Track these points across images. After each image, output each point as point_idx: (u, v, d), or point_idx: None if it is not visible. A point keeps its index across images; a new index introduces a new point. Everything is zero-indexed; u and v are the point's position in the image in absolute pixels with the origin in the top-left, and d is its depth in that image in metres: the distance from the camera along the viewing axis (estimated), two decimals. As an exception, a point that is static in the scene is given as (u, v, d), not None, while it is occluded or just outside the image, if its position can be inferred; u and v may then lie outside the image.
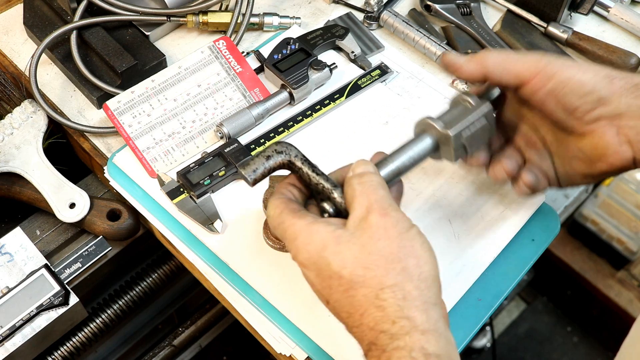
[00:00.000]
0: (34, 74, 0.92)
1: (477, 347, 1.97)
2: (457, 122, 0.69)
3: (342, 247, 0.58)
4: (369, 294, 0.56)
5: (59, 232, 0.90)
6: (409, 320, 0.54)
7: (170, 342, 1.05)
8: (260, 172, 0.64)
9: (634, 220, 1.90)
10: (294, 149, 0.65)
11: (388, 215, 0.58)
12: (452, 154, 0.70)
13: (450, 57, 0.71)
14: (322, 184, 0.63)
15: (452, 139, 0.68)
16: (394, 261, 0.56)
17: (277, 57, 0.95)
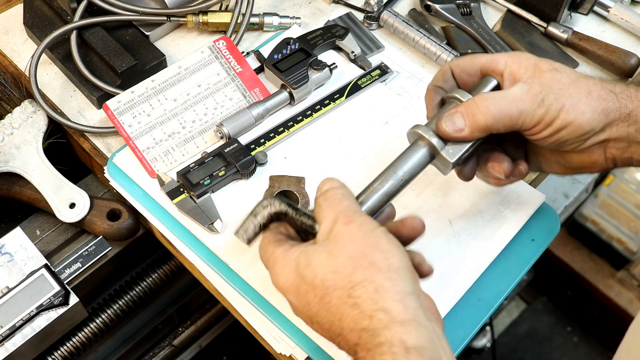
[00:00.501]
0: (34, 74, 0.92)
1: (477, 347, 1.97)
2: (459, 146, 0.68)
3: (311, 259, 0.59)
4: (342, 295, 0.56)
5: (59, 232, 0.90)
6: (386, 312, 0.54)
7: (170, 342, 1.05)
8: (252, 230, 0.66)
9: (634, 220, 1.90)
10: (277, 200, 0.66)
11: (352, 221, 0.59)
12: (445, 171, 0.71)
13: (449, 134, 0.67)
14: (303, 221, 0.65)
15: (451, 165, 0.69)
16: (360, 259, 0.57)
17: (277, 57, 0.95)
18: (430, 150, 0.69)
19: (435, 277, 0.78)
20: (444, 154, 0.68)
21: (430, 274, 0.64)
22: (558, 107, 0.65)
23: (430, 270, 0.63)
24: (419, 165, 0.69)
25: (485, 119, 0.66)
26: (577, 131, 0.66)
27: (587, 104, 0.66)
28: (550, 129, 0.66)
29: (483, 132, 0.67)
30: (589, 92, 0.66)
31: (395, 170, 0.68)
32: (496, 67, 0.69)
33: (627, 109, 0.67)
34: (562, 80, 0.67)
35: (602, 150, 0.69)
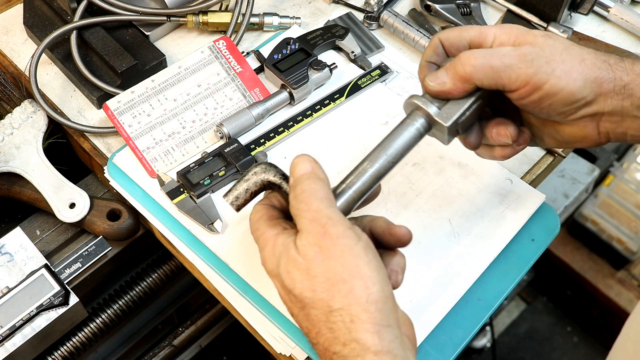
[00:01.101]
0: (34, 74, 0.92)
1: (477, 347, 1.97)
2: (452, 109, 0.67)
3: (290, 267, 0.57)
4: (320, 315, 0.56)
5: (59, 232, 0.90)
6: (359, 343, 0.53)
7: (170, 342, 1.05)
8: (243, 197, 0.64)
9: (634, 220, 1.90)
10: (272, 169, 0.65)
11: (327, 234, 0.56)
12: (444, 139, 0.69)
13: (433, 88, 0.66)
14: None
15: (447, 129, 0.67)
16: (338, 283, 0.55)
17: (277, 57, 0.95)
18: (427, 118, 0.68)
19: (436, 277, 0.78)
20: (438, 118, 0.67)
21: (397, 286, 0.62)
22: (548, 70, 0.63)
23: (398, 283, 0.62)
24: (416, 135, 0.68)
25: (465, 68, 0.64)
26: (568, 98, 0.64)
27: (579, 71, 0.64)
28: (539, 92, 0.64)
29: (465, 82, 0.65)
30: (582, 60, 0.65)
31: (393, 140, 0.67)
32: (485, 39, 0.67)
33: (623, 81, 0.65)
34: (555, 45, 0.65)
35: (595, 124, 0.67)
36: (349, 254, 0.56)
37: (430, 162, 0.87)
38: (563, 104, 0.65)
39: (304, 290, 0.56)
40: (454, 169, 0.87)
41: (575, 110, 0.66)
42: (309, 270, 0.56)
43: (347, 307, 0.54)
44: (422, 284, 0.78)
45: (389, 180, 0.86)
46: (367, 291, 0.55)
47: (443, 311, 0.76)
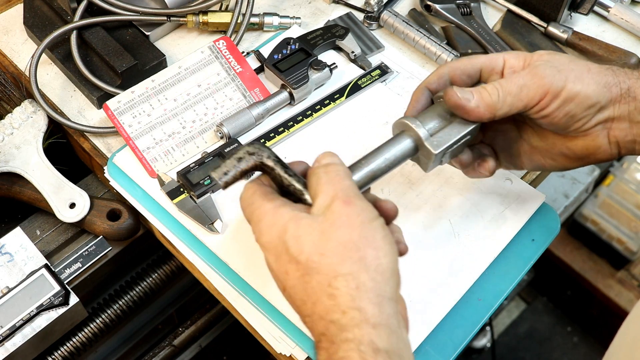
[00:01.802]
0: (34, 74, 0.92)
1: (477, 347, 1.97)
2: (443, 138, 0.67)
3: (302, 232, 0.57)
4: (323, 281, 0.55)
5: (59, 232, 0.90)
6: (360, 312, 0.53)
7: (170, 342, 1.05)
8: (232, 174, 0.62)
9: (634, 220, 1.90)
10: (266, 150, 0.63)
11: (352, 204, 0.57)
12: (427, 166, 0.70)
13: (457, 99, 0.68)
14: (294, 185, 0.62)
15: (434, 157, 0.67)
16: (351, 250, 0.55)
17: (277, 57, 0.95)
18: (415, 141, 0.68)
19: (436, 277, 0.78)
20: (427, 144, 0.67)
21: (405, 253, 0.63)
22: (562, 77, 0.66)
23: (405, 249, 0.63)
24: (402, 153, 0.67)
25: (492, 96, 0.67)
26: (585, 102, 0.67)
27: (589, 77, 0.67)
28: (558, 99, 0.66)
29: (488, 108, 0.67)
30: (589, 69, 0.68)
31: (380, 153, 0.66)
32: (496, 64, 0.70)
33: (626, 84, 0.68)
34: (561, 58, 0.68)
35: (606, 133, 0.69)
36: (367, 226, 0.57)
37: (430, 162, 0.87)
38: (581, 108, 0.67)
39: (312, 254, 0.56)
40: (454, 169, 0.87)
41: (592, 116, 0.68)
42: (325, 233, 0.56)
43: (356, 273, 0.55)
44: (422, 284, 0.78)
45: (389, 181, 0.86)
46: (377, 261, 0.55)
47: (443, 311, 0.76)
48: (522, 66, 0.69)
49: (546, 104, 0.67)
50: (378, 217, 0.58)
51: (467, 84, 0.72)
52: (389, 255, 0.57)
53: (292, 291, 0.58)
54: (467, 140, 0.70)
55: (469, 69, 0.71)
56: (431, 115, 0.69)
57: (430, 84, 0.72)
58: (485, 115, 0.67)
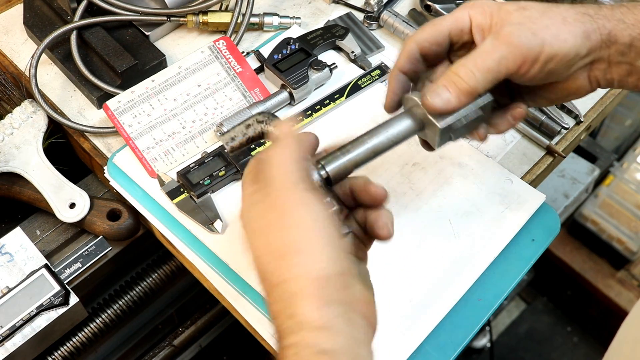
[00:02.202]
0: (34, 74, 0.92)
1: (477, 347, 1.97)
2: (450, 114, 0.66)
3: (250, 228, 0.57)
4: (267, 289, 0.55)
5: (59, 232, 0.90)
6: (296, 317, 0.52)
7: (170, 342, 1.05)
8: (239, 140, 0.63)
9: (634, 220, 1.90)
10: (276, 119, 0.64)
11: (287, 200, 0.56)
12: (435, 142, 0.67)
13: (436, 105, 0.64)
14: None
15: (439, 131, 0.65)
16: (285, 255, 0.54)
17: (277, 57, 0.95)
18: (421, 117, 0.66)
19: (436, 277, 0.78)
20: (433, 120, 0.65)
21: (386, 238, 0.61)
22: (538, 41, 0.63)
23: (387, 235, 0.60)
24: (407, 130, 0.66)
25: (468, 81, 0.64)
26: (564, 59, 0.64)
27: (566, 31, 0.64)
28: (537, 65, 0.64)
29: (469, 95, 0.64)
30: (564, 19, 0.64)
31: (384, 129, 0.66)
32: (463, 24, 0.67)
33: (606, 28, 0.65)
34: (532, 15, 0.64)
35: (586, 74, 0.68)
36: (304, 225, 0.54)
37: (430, 162, 0.87)
38: (561, 65, 0.65)
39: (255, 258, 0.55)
40: (454, 169, 0.87)
41: (571, 67, 0.66)
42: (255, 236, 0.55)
43: (293, 279, 0.53)
44: (422, 284, 0.78)
45: (389, 181, 0.86)
46: (318, 265, 0.53)
47: (443, 311, 0.76)
48: (489, 25, 0.65)
49: (526, 70, 0.64)
50: (320, 211, 0.55)
51: (439, 53, 0.69)
52: (330, 258, 0.54)
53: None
54: (480, 116, 0.68)
55: (436, 37, 0.68)
56: None
57: (403, 67, 0.69)
58: (469, 100, 0.65)
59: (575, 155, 1.72)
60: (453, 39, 0.68)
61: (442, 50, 0.69)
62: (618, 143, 2.03)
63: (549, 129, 0.93)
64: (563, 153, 0.92)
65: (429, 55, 0.69)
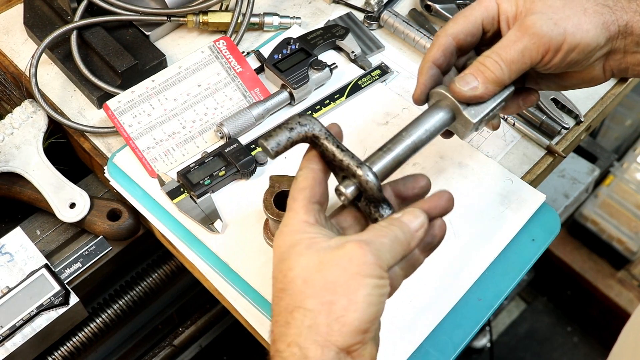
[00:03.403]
0: (34, 74, 0.92)
1: (477, 347, 1.97)
2: (481, 106, 0.68)
3: (307, 252, 0.56)
4: (288, 306, 0.54)
5: (59, 232, 0.90)
6: (301, 350, 0.52)
7: (170, 342, 1.05)
8: (283, 144, 0.61)
9: (634, 220, 1.90)
10: (317, 122, 0.62)
11: (363, 252, 0.55)
12: (464, 134, 0.70)
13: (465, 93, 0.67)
14: (348, 161, 0.61)
15: (472, 126, 0.68)
16: (328, 290, 0.53)
17: (277, 57, 0.95)
18: (452, 110, 0.68)
19: (436, 277, 0.78)
20: (465, 114, 0.67)
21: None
22: (560, 31, 0.65)
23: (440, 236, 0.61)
24: (441, 123, 0.68)
25: (495, 72, 0.66)
26: (585, 49, 0.66)
27: (587, 22, 0.66)
28: (560, 54, 0.66)
29: (496, 84, 0.67)
30: (585, 10, 0.66)
31: (420, 124, 0.67)
32: (493, 12, 0.68)
33: (623, 20, 0.67)
34: (555, 4, 0.66)
35: (602, 64, 0.70)
36: (358, 278, 0.54)
37: (430, 162, 0.87)
38: (583, 54, 0.67)
39: (297, 276, 0.55)
40: (454, 169, 0.87)
41: (591, 57, 0.68)
42: (321, 263, 0.55)
43: (316, 312, 0.53)
44: (422, 284, 0.78)
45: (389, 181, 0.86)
46: (344, 311, 0.53)
47: (443, 311, 0.76)
48: (515, 13, 0.67)
49: (549, 59, 0.66)
50: (379, 277, 0.55)
51: (473, 43, 0.71)
52: (360, 312, 0.53)
53: (272, 297, 0.57)
54: (502, 106, 0.70)
55: (470, 28, 0.69)
56: None
57: (437, 59, 0.70)
58: (496, 90, 0.67)
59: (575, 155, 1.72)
60: (485, 27, 0.70)
61: (475, 40, 0.70)
62: (618, 143, 2.03)
63: (549, 129, 0.93)
64: (563, 153, 0.92)
65: (464, 46, 0.70)
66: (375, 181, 0.60)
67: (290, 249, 0.56)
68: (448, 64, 0.71)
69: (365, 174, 0.60)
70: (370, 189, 0.60)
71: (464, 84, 0.66)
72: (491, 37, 0.70)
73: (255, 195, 0.83)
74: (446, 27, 0.70)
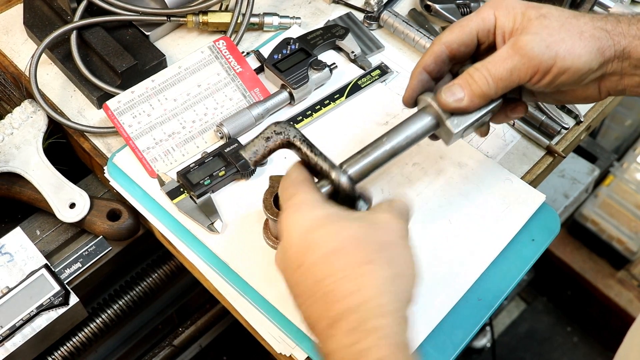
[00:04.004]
0: (34, 74, 0.92)
1: (477, 347, 1.97)
2: (464, 117, 0.69)
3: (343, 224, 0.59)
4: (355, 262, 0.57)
5: (59, 232, 0.90)
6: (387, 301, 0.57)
7: (170, 342, 1.05)
8: (261, 153, 0.67)
9: (634, 220, 1.90)
10: (292, 129, 0.67)
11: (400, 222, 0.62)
12: (447, 142, 0.71)
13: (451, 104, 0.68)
14: (321, 163, 0.65)
15: (454, 136, 0.69)
16: (383, 248, 0.59)
17: (277, 57, 0.95)
18: (436, 118, 0.69)
19: (436, 277, 0.78)
20: (448, 124, 0.69)
21: None
22: (552, 54, 0.65)
23: None
24: (423, 130, 0.69)
25: (482, 87, 0.66)
26: (575, 74, 0.66)
27: (581, 47, 0.65)
28: (548, 76, 0.66)
29: (482, 98, 0.67)
30: (581, 33, 0.66)
31: (401, 131, 0.69)
32: (489, 24, 0.69)
33: (621, 45, 0.66)
34: (552, 25, 0.66)
35: (597, 85, 0.70)
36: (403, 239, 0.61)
37: (430, 162, 0.87)
38: (572, 79, 0.67)
39: (349, 237, 0.57)
40: (454, 169, 0.87)
41: (582, 81, 0.68)
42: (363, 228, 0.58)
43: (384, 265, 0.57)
44: (422, 284, 0.78)
45: (389, 181, 0.86)
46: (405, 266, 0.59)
47: (443, 311, 0.76)
48: (511, 29, 0.67)
49: (537, 80, 0.67)
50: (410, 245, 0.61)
51: (467, 53, 0.71)
52: (412, 269, 0.60)
53: (318, 260, 0.57)
54: (489, 116, 0.71)
55: (464, 39, 0.70)
56: None
57: (428, 65, 0.71)
58: (482, 103, 0.68)
59: (575, 155, 1.72)
60: (480, 39, 0.70)
61: (470, 50, 0.71)
62: (618, 143, 2.03)
63: (549, 129, 0.93)
64: (563, 153, 0.92)
65: (457, 55, 0.71)
66: (348, 182, 0.64)
67: (324, 220, 0.58)
68: (439, 71, 0.72)
69: (338, 176, 0.64)
70: (343, 190, 0.64)
71: (449, 94, 0.68)
72: (486, 49, 0.71)
73: (255, 195, 0.83)
74: (441, 35, 0.71)
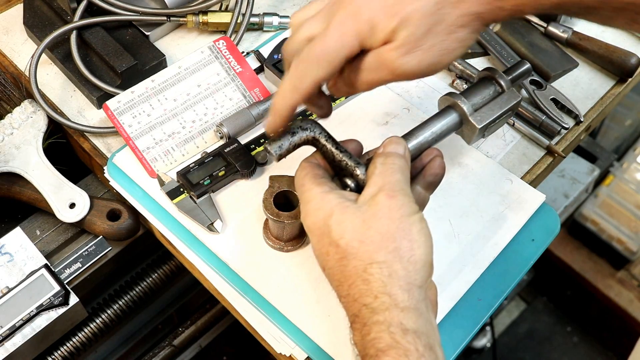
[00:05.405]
0: (34, 74, 0.92)
1: (477, 347, 1.97)
2: (487, 113, 0.70)
3: (345, 217, 0.60)
4: (359, 267, 0.58)
5: (59, 232, 0.90)
6: (390, 297, 0.57)
7: (170, 342, 1.05)
8: (286, 147, 0.66)
9: (634, 220, 1.90)
10: (318, 126, 0.67)
11: (395, 198, 0.60)
12: (470, 139, 0.72)
13: None
14: (346, 160, 0.65)
15: (478, 131, 0.70)
16: (388, 240, 0.59)
17: (277, 57, 0.95)
18: (460, 115, 0.70)
19: (436, 277, 0.78)
20: (471, 119, 0.70)
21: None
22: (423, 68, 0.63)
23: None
24: (448, 127, 0.70)
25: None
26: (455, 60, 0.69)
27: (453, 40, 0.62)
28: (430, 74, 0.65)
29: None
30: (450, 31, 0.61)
31: (427, 127, 0.69)
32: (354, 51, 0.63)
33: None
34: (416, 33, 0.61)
35: None
36: (406, 219, 0.60)
37: (430, 162, 0.87)
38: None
39: (352, 239, 0.59)
40: (454, 169, 0.87)
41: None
42: (366, 221, 0.59)
43: (390, 262, 0.58)
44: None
45: (389, 180, 0.86)
46: (410, 252, 0.58)
47: (443, 311, 0.76)
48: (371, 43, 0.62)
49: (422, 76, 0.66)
50: (417, 211, 0.61)
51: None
52: (423, 247, 0.59)
53: (331, 271, 0.61)
54: (509, 115, 0.73)
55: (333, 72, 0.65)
56: (476, 91, 0.72)
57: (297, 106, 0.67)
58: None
59: (575, 155, 1.72)
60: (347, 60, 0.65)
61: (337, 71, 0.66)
62: (618, 143, 2.03)
63: (549, 129, 0.93)
64: (563, 153, 0.92)
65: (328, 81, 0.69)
66: None
67: (327, 220, 0.60)
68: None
69: (362, 174, 0.64)
70: None
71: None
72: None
73: (255, 195, 0.83)
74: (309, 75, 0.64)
